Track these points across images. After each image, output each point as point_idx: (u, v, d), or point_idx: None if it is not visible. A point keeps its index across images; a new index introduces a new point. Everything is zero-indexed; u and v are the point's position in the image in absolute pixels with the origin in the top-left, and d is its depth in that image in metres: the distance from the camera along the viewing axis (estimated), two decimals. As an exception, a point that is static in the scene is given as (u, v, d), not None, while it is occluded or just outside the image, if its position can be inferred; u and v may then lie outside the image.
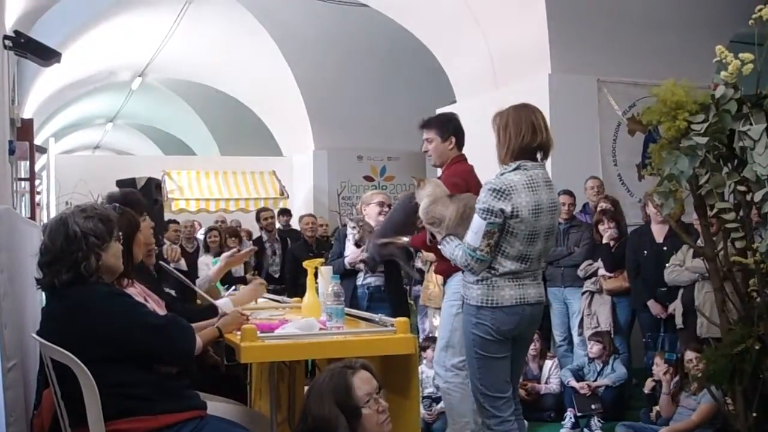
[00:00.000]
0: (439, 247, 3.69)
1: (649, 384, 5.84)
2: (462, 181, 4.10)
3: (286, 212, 11.08)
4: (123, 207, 3.35)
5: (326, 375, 2.70)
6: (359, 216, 5.86)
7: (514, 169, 3.42)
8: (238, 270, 8.77)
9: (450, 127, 4.35)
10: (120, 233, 2.90)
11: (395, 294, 5.62)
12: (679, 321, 5.91)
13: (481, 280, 3.45)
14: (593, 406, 5.93)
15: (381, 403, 2.67)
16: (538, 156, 3.53)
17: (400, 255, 4.96)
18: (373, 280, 5.62)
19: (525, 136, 3.44)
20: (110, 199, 3.86)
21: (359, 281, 5.59)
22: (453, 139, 4.32)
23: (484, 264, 3.42)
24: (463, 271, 3.61)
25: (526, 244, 3.40)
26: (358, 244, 5.60)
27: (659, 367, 5.66)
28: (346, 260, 5.55)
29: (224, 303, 3.65)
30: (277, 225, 10.08)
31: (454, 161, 4.34)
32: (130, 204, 3.69)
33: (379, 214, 5.72)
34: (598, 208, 6.91)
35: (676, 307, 5.95)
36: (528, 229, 3.37)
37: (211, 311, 3.56)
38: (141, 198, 4.09)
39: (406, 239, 4.40)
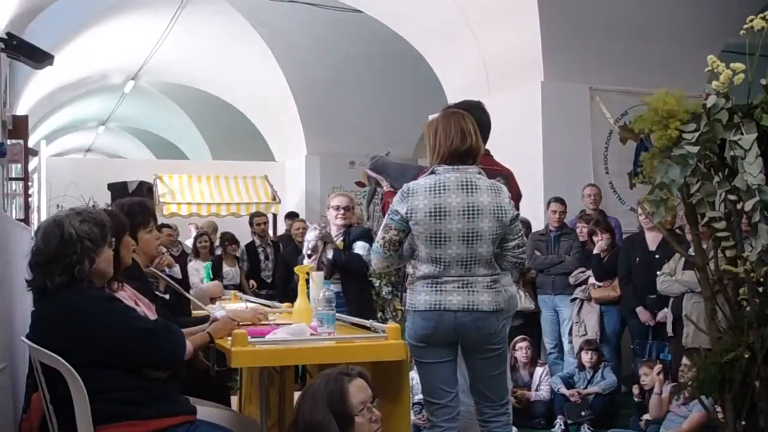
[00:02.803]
0: None
1: (636, 390, 5.86)
2: None
3: (293, 215, 10.87)
4: (111, 210, 3.33)
5: (321, 380, 2.69)
6: (323, 227, 5.66)
7: (428, 174, 3.49)
8: (234, 277, 8.78)
9: None
10: (113, 239, 2.89)
11: (356, 299, 5.44)
12: (669, 329, 5.93)
13: (410, 284, 3.53)
14: (583, 414, 5.95)
15: (374, 413, 2.67)
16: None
17: (368, 192, 4.74)
18: (332, 287, 5.50)
19: (454, 140, 3.47)
20: (118, 205, 3.82)
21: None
22: None
23: (378, 257, 3.52)
24: None
25: (432, 246, 3.41)
26: (310, 255, 5.40)
27: (648, 375, 5.68)
28: None
29: (221, 315, 3.64)
30: (283, 228, 9.81)
31: None
32: (136, 213, 3.66)
33: (336, 218, 5.56)
34: (590, 220, 6.94)
35: (667, 315, 5.98)
36: (428, 231, 3.39)
37: (204, 321, 3.54)
38: (152, 207, 4.03)
39: (386, 184, 4.31)
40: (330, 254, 5.34)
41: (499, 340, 3.54)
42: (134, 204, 3.85)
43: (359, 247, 5.40)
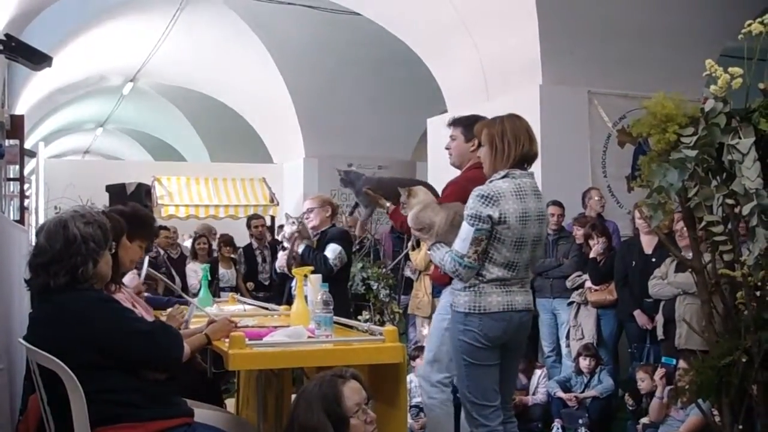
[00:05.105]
0: (428, 253, 3.69)
1: (630, 401, 5.86)
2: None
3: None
4: (108, 212, 3.32)
5: (316, 383, 2.69)
6: (300, 222, 5.60)
7: (503, 177, 3.44)
8: (230, 279, 8.77)
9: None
10: (113, 243, 2.90)
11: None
12: (660, 332, 5.92)
13: (469, 287, 3.45)
14: (580, 421, 5.95)
15: (369, 414, 2.67)
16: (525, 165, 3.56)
17: (367, 211, 4.73)
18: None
19: (524, 144, 3.47)
20: (117, 211, 3.73)
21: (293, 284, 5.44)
22: (476, 142, 3.95)
23: (472, 271, 3.41)
24: (451, 281, 3.60)
25: (513, 251, 3.40)
26: (285, 247, 5.38)
27: (644, 380, 5.68)
28: (276, 264, 5.27)
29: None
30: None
31: (475, 165, 4.05)
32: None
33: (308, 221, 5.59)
34: (586, 223, 6.94)
35: (658, 318, 5.97)
36: (515, 236, 3.38)
37: None
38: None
39: (388, 204, 4.30)
40: (302, 248, 5.31)
41: None
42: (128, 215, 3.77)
43: (330, 250, 5.31)
